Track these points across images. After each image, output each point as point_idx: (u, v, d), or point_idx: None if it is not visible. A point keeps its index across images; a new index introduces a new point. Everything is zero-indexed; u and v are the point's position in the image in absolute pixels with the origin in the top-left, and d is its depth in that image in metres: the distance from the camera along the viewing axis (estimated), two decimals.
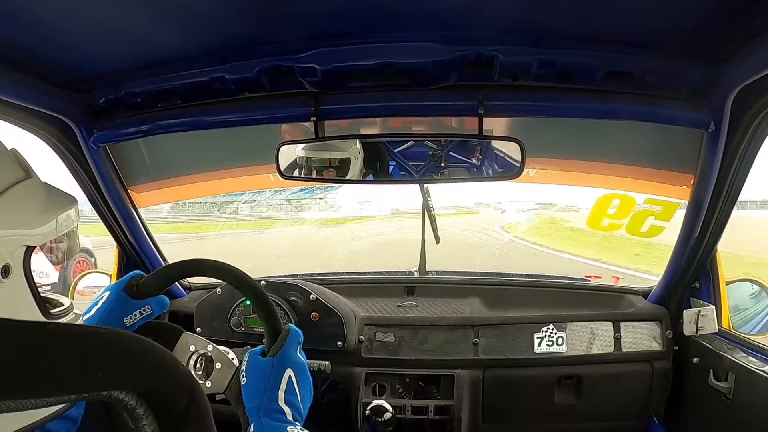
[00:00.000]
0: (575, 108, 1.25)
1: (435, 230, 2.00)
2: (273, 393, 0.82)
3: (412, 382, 1.60)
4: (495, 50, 1.11)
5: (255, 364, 0.87)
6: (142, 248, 1.73)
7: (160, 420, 0.43)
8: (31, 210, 0.66)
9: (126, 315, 0.97)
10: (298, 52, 1.15)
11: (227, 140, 1.78)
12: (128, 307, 0.97)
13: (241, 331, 1.59)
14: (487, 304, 1.76)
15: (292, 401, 0.83)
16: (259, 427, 0.79)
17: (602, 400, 1.62)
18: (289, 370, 0.85)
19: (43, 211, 0.68)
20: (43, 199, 0.69)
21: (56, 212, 0.71)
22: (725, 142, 1.21)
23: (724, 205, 1.36)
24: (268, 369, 0.85)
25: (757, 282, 1.63)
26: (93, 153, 1.44)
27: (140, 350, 0.43)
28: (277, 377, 0.84)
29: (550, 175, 1.85)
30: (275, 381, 0.83)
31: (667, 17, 0.98)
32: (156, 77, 1.26)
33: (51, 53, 1.10)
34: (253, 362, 0.88)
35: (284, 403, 0.82)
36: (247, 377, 0.86)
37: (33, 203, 0.67)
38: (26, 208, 0.66)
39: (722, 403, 1.38)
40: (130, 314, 0.97)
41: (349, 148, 1.43)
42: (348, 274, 2.08)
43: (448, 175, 1.49)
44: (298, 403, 0.84)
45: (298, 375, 0.86)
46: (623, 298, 1.75)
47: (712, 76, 1.12)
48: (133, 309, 0.98)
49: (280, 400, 0.82)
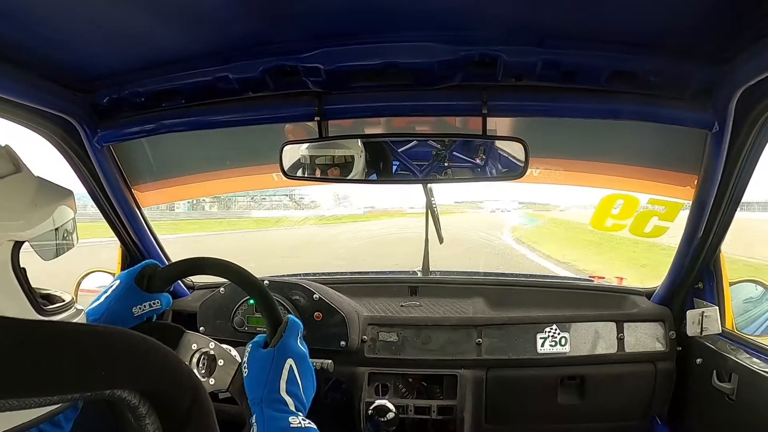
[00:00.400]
0: (579, 108, 1.25)
1: (438, 230, 2.00)
2: (274, 383, 0.82)
3: (415, 382, 1.61)
4: (499, 50, 1.11)
5: (256, 356, 0.87)
6: (146, 247, 1.73)
7: (163, 419, 0.43)
8: (19, 204, 0.65)
9: (135, 305, 0.97)
10: (301, 51, 1.15)
11: (231, 140, 1.78)
12: (138, 298, 0.97)
13: (244, 331, 1.59)
14: (490, 304, 1.76)
15: (294, 391, 0.83)
16: (261, 418, 0.80)
17: (605, 401, 1.62)
18: (290, 360, 0.85)
19: (32, 205, 0.67)
20: (33, 194, 0.68)
21: (47, 207, 0.70)
22: (729, 142, 1.20)
23: (728, 205, 1.36)
24: (268, 359, 0.85)
25: (760, 283, 1.62)
26: (97, 152, 1.45)
27: (144, 350, 0.43)
28: (278, 367, 0.84)
29: (553, 175, 1.85)
30: (276, 371, 0.83)
31: (671, 17, 0.98)
32: (160, 77, 1.26)
33: (55, 53, 1.10)
34: (253, 353, 0.88)
35: (286, 393, 0.82)
36: (248, 368, 0.87)
37: (21, 197, 0.66)
38: (13, 202, 0.65)
39: (725, 404, 1.37)
40: (139, 304, 0.97)
41: (352, 146, 1.43)
42: (351, 274, 2.08)
43: (451, 175, 1.49)
44: (300, 392, 0.84)
45: (300, 365, 0.86)
46: (626, 299, 1.74)
47: (716, 76, 1.11)
48: (143, 300, 0.97)
49: (282, 390, 0.82)
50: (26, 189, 0.67)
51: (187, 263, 1.02)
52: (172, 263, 1.05)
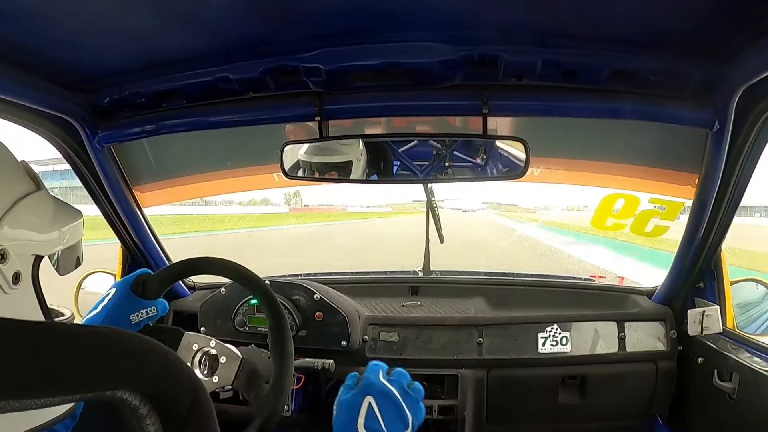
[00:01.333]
0: (580, 107, 1.25)
1: (439, 229, 2.00)
2: (352, 422, 0.83)
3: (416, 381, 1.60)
4: (499, 50, 1.11)
5: (340, 399, 0.89)
6: (147, 248, 1.73)
7: (164, 420, 0.43)
8: (42, 220, 0.69)
9: (133, 312, 0.98)
10: (302, 52, 1.15)
11: (232, 140, 1.78)
12: (135, 305, 0.98)
13: (245, 331, 1.59)
14: (491, 303, 1.76)
15: (374, 427, 0.83)
16: None
17: (606, 400, 1.62)
18: (369, 397, 0.86)
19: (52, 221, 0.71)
20: (52, 211, 0.72)
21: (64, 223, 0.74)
22: (730, 141, 1.20)
23: (729, 204, 1.36)
24: (349, 400, 0.87)
25: (762, 282, 1.62)
26: (97, 153, 1.45)
27: (144, 350, 0.43)
28: (357, 405, 0.85)
29: (554, 175, 1.85)
30: (355, 410, 0.85)
31: (671, 16, 0.98)
32: (160, 77, 1.26)
33: (55, 53, 1.10)
34: (342, 396, 0.90)
35: (363, 428, 0.83)
36: (336, 412, 0.88)
37: (43, 213, 0.70)
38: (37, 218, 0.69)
39: (727, 404, 1.37)
40: (137, 312, 0.98)
41: (351, 151, 1.43)
42: (352, 274, 2.08)
43: (452, 174, 1.49)
44: (381, 427, 0.84)
45: (380, 401, 0.86)
46: (628, 298, 1.74)
47: (717, 75, 1.11)
48: (140, 307, 0.98)
49: (360, 426, 0.83)
50: (47, 206, 0.72)
51: (184, 264, 1.02)
52: (167, 266, 1.05)
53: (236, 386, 0.99)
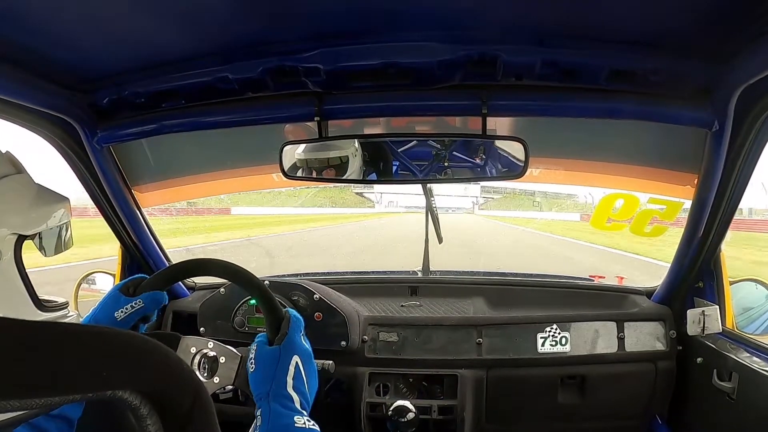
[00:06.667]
0: (579, 107, 1.25)
1: (438, 230, 2.00)
2: (281, 379, 0.82)
3: (415, 381, 1.60)
4: (498, 50, 1.11)
5: (262, 352, 0.88)
6: (146, 248, 1.73)
7: (165, 420, 0.43)
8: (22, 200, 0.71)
9: (117, 309, 0.97)
10: (301, 52, 1.15)
11: (231, 140, 1.78)
12: (120, 303, 0.97)
13: (244, 331, 1.59)
14: (490, 304, 1.76)
15: (300, 388, 0.83)
16: (267, 412, 0.79)
17: (606, 400, 1.62)
18: (296, 356, 0.86)
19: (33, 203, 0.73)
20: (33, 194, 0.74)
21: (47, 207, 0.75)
22: (729, 141, 1.20)
23: (728, 204, 1.36)
24: (275, 355, 0.85)
25: (760, 282, 1.62)
26: (96, 153, 1.44)
27: (145, 350, 0.43)
28: (285, 363, 0.84)
29: (553, 175, 1.85)
30: (283, 368, 0.84)
31: (670, 16, 0.98)
32: (159, 77, 1.26)
33: (54, 54, 1.10)
34: (260, 350, 0.88)
35: (293, 390, 0.82)
36: (255, 364, 0.87)
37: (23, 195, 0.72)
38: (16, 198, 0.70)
39: (726, 403, 1.37)
40: (121, 308, 0.97)
41: (347, 147, 1.43)
42: (352, 274, 2.08)
43: (451, 174, 1.49)
44: (306, 390, 0.84)
45: (305, 362, 0.87)
46: (627, 298, 1.74)
47: (716, 75, 1.11)
48: (124, 304, 0.98)
49: (289, 386, 0.82)
50: (27, 189, 0.72)
51: (177, 267, 1.02)
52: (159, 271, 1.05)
53: (237, 384, 0.99)
